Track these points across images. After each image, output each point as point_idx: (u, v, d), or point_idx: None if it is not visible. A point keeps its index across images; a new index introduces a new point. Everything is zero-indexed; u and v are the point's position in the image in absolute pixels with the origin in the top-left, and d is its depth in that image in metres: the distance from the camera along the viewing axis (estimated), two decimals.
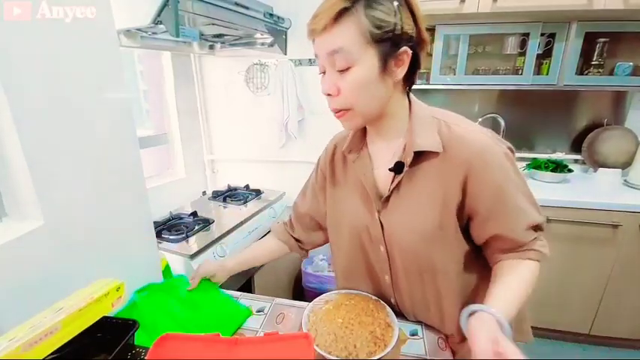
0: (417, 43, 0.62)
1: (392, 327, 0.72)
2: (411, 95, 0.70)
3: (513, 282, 0.65)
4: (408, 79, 0.66)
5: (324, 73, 0.64)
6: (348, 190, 0.79)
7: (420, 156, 0.65)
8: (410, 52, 0.60)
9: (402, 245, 0.71)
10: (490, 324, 0.54)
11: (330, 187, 0.85)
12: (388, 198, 0.71)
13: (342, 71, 0.60)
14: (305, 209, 0.94)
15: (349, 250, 0.82)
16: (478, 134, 0.64)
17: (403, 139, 0.69)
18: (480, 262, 0.74)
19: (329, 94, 0.64)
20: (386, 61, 0.59)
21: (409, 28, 0.59)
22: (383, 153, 0.72)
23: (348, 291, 0.85)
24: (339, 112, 0.65)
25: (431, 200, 0.66)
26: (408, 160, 0.65)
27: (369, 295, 0.82)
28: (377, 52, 0.58)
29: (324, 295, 0.84)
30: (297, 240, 0.99)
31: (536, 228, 0.68)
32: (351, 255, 0.82)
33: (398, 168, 0.67)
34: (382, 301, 0.80)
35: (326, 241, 0.95)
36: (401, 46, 0.59)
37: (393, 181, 0.69)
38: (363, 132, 0.76)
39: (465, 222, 0.69)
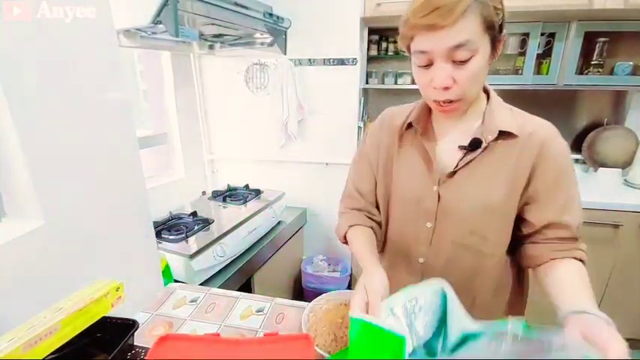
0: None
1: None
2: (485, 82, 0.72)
3: (582, 281, 0.64)
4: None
5: (425, 67, 0.62)
6: (401, 162, 0.79)
7: (498, 136, 0.67)
8: (506, 34, 0.63)
9: (460, 218, 0.71)
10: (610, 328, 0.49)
11: (383, 158, 0.82)
12: (455, 172, 0.71)
13: (460, 63, 0.59)
14: (369, 187, 0.86)
15: (394, 223, 0.82)
16: (550, 124, 0.70)
17: (476, 119, 0.71)
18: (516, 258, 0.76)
19: (445, 88, 0.61)
20: (494, 46, 0.62)
21: (505, 11, 0.61)
22: (451, 130, 0.74)
23: (347, 291, 0.85)
24: (449, 103, 0.64)
25: (501, 178, 0.68)
26: (489, 137, 0.67)
27: None
28: (489, 38, 0.60)
29: (323, 295, 0.84)
30: (360, 209, 0.86)
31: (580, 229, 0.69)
32: (395, 229, 0.83)
33: (474, 144, 0.68)
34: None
35: None
36: (502, 29, 0.62)
37: (464, 157, 0.70)
38: (429, 108, 0.76)
39: (520, 208, 0.70)
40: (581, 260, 0.68)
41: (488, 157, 0.69)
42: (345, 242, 0.85)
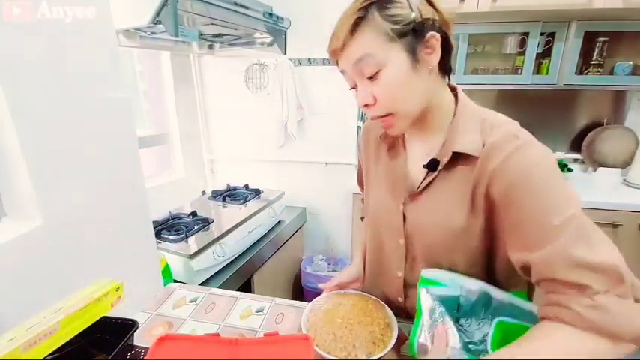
0: (443, 26, 0.59)
1: (391, 327, 0.72)
2: (460, 90, 0.67)
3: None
4: (444, 63, 0.62)
5: (355, 88, 0.64)
6: (377, 177, 0.79)
7: (458, 156, 0.62)
8: (438, 35, 0.57)
9: (426, 240, 0.69)
10: None
11: (364, 172, 0.85)
12: (418, 193, 0.69)
13: (372, 78, 0.59)
14: None
15: (369, 239, 0.83)
16: (513, 140, 0.57)
17: (443, 135, 0.66)
18: (509, 281, 0.68)
19: (366, 105, 0.62)
20: (415, 52, 0.57)
21: (429, 13, 0.57)
22: (419, 146, 0.70)
23: (346, 291, 0.85)
24: (382, 118, 0.64)
25: (460, 202, 0.62)
26: (445, 159, 0.63)
27: (368, 295, 0.82)
28: (403, 46, 0.57)
29: (323, 294, 0.84)
30: None
31: (595, 270, 0.47)
32: (371, 244, 0.82)
33: (432, 166, 0.65)
34: (381, 301, 0.80)
35: None
36: (426, 32, 0.57)
37: (425, 178, 0.67)
38: None
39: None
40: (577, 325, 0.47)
41: (448, 179, 0.64)
42: None
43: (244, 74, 2.06)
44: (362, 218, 0.98)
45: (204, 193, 2.10)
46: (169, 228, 1.50)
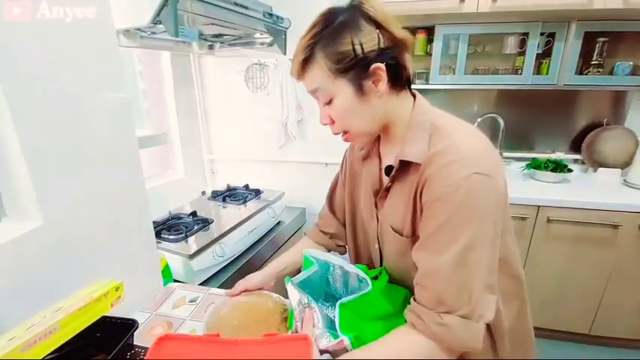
0: (395, 47, 0.60)
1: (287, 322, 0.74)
2: (418, 97, 0.68)
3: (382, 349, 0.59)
4: (397, 83, 0.64)
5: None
6: (362, 185, 0.82)
7: (408, 164, 0.64)
8: (382, 65, 0.60)
9: (394, 243, 0.72)
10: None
11: (349, 180, 0.87)
12: (382, 197, 0.73)
13: (329, 103, 0.65)
14: (340, 199, 0.94)
15: (357, 242, 0.86)
16: (451, 152, 0.58)
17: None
18: None
19: (325, 124, 0.70)
20: (361, 84, 0.61)
21: (372, 44, 0.59)
22: (390, 155, 0.73)
23: (248, 293, 0.87)
24: (340, 135, 0.70)
25: (409, 208, 0.65)
26: (396, 166, 0.66)
27: (270, 294, 0.85)
28: (347, 80, 0.61)
29: (226, 300, 0.85)
30: (332, 236, 0.96)
31: (457, 290, 0.56)
32: (357, 250, 0.86)
33: (389, 172, 0.70)
34: (283, 298, 0.81)
35: None
36: (370, 65, 0.59)
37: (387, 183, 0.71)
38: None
39: None
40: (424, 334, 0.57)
41: (402, 187, 0.67)
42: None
43: (244, 74, 2.06)
44: (305, 233, 1.04)
45: (204, 193, 2.09)
46: (169, 228, 1.50)
